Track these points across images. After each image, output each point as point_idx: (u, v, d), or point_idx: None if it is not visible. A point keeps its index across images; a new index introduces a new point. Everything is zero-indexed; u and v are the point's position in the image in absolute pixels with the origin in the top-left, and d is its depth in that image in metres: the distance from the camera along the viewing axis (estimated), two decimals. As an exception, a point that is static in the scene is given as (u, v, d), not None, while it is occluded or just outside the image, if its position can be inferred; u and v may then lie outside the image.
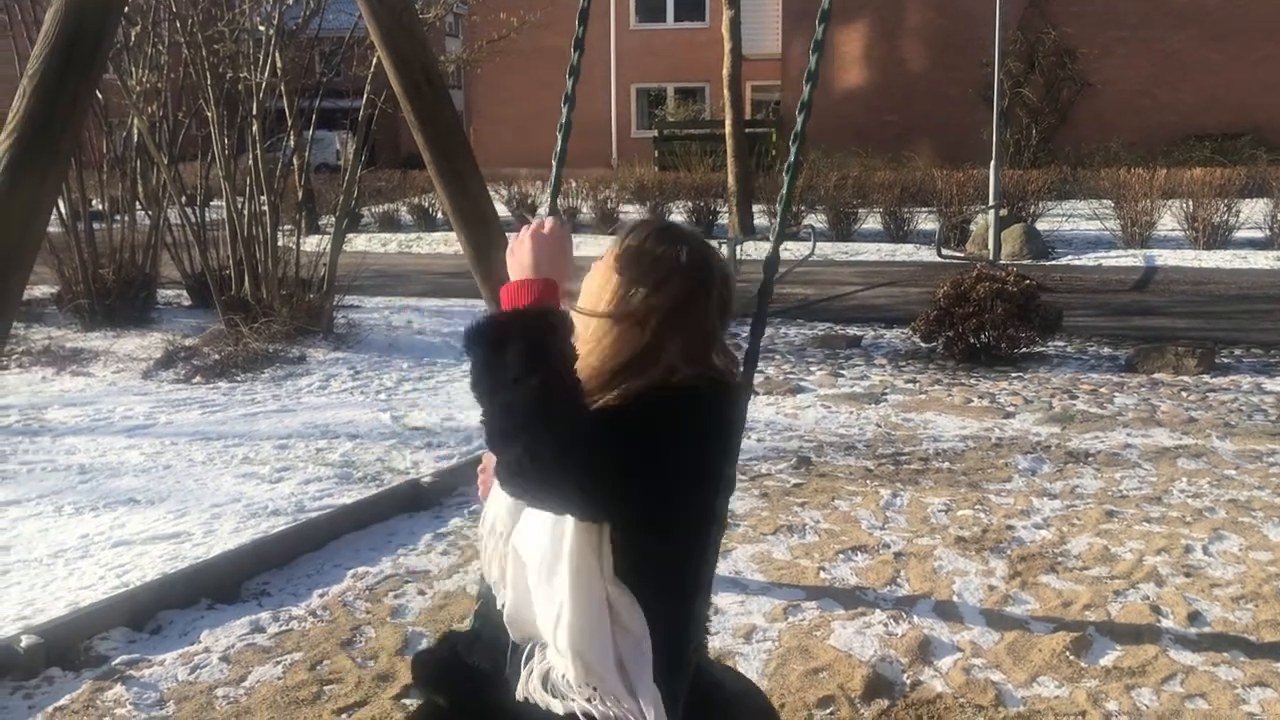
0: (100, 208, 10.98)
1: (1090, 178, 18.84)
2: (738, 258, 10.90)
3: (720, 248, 11.49)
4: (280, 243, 9.81)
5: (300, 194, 10.79)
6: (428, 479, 5.58)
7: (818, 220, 18.25)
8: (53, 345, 9.17)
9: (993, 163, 16.16)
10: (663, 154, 24.66)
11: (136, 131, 10.27)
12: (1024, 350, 8.60)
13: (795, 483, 5.69)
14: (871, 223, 18.31)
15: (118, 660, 3.80)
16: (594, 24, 27.80)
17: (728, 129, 18.30)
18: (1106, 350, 9.15)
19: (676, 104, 30.44)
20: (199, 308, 10.81)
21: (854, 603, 4.21)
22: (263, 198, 9.56)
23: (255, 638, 4.00)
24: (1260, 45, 23.66)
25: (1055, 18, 24.13)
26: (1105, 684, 3.57)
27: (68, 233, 9.99)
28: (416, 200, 21.19)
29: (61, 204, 9.50)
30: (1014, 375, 8.18)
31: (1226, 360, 8.62)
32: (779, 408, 7.32)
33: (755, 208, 18.70)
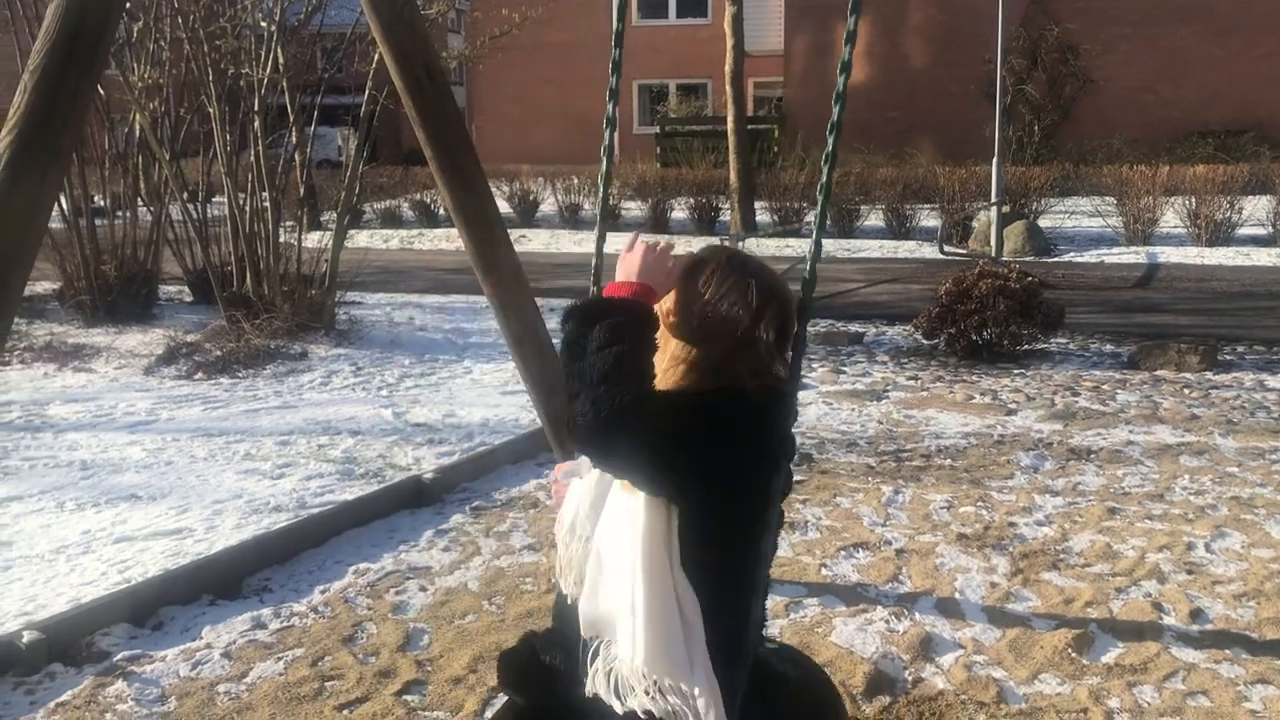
0: (102, 204, 10.98)
1: (1093, 174, 18.82)
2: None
3: (722, 244, 11.53)
4: (282, 239, 9.80)
5: (302, 190, 10.78)
6: (429, 475, 5.57)
7: (820, 217, 18.22)
8: (55, 341, 9.18)
9: (995, 159, 16.14)
10: (665, 150, 24.64)
11: (138, 127, 10.26)
12: (1026, 347, 8.59)
13: (797, 479, 5.68)
14: (874, 219, 18.29)
15: (119, 656, 3.80)
16: (595, 20, 27.82)
17: (730, 125, 18.30)
18: (1109, 347, 9.14)
19: (679, 100, 30.43)
20: (201, 304, 10.81)
21: (855, 599, 4.21)
22: (264, 194, 9.56)
23: (257, 634, 4.00)
24: (1263, 41, 23.61)
25: (1058, 14, 24.09)
26: (1107, 681, 3.57)
27: (70, 229, 10.00)
28: (418, 196, 21.17)
29: (63, 200, 9.50)
30: (1016, 372, 8.17)
31: (1229, 357, 8.61)
32: (781, 404, 7.31)
33: (757, 204, 18.69)
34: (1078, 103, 24.48)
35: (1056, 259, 15.49)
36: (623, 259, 1.95)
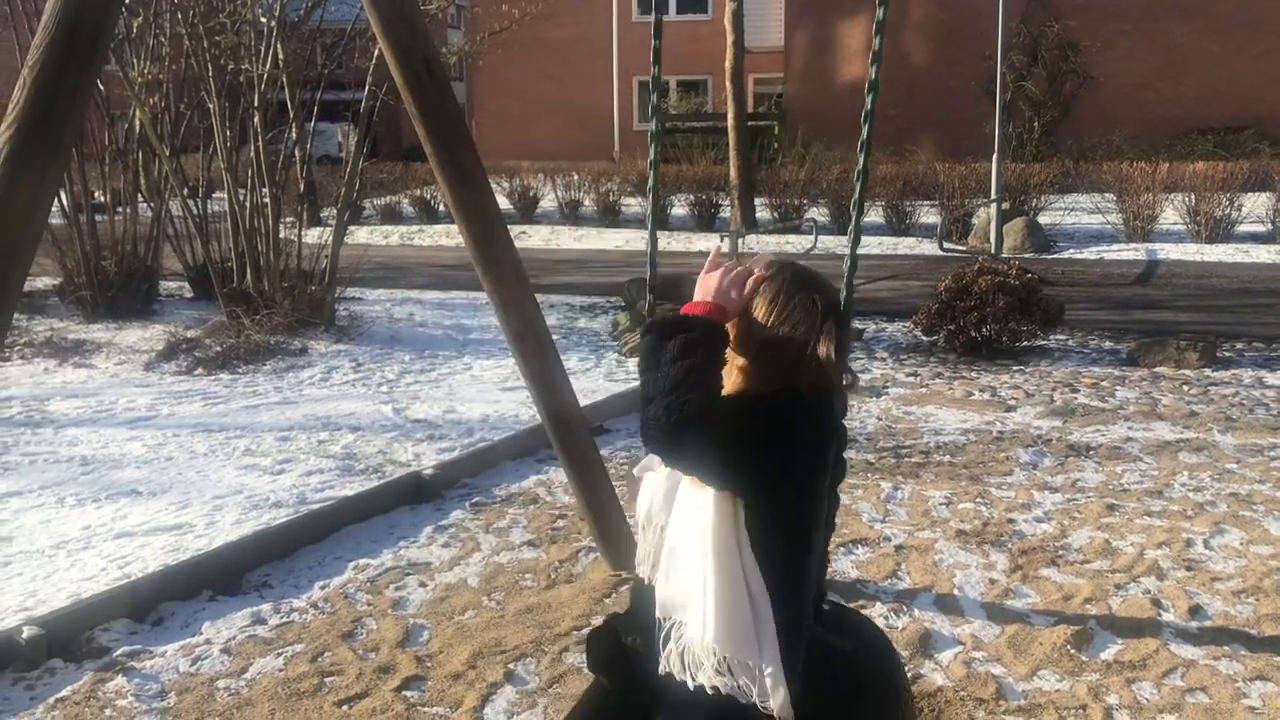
0: (102, 199, 10.96)
1: (1092, 171, 18.82)
2: (739, 250, 10.89)
3: (722, 241, 11.48)
4: (282, 235, 9.80)
5: (302, 186, 10.77)
6: (429, 471, 5.58)
7: (820, 214, 18.23)
8: (55, 337, 9.17)
9: (995, 156, 16.13)
10: (665, 147, 24.63)
11: (138, 123, 10.25)
12: (1025, 344, 8.59)
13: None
14: (874, 216, 18.29)
15: (119, 651, 3.81)
16: (595, 16, 27.73)
17: (730, 122, 18.30)
18: (1108, 344, 9.14)
19: (679, 97, 30.40)
20: (201, 300, 10.81)
21: (855, 595, 4.21)
22: (264, 190, 9.55)
23: (256, 629, 4.00)
24: (1263, 38, 23.60)
25: (1058, 11, 24.07)
26: (1106, 677, 3.58)
27: (70, 224, 9.99)
28: (418, 192, 21.18)
29: (63, 196, 9.49)
30: (1015, 369, 8.18)
31: (1228, 354, 8.61)
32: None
33: (757, 201, 18.68)
34: (1078, 99, 24.47)
35: (1056, 255, 15.50)
36: (701, 279, 2.13)
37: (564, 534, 4.93)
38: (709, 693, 2.01)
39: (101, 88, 9.92)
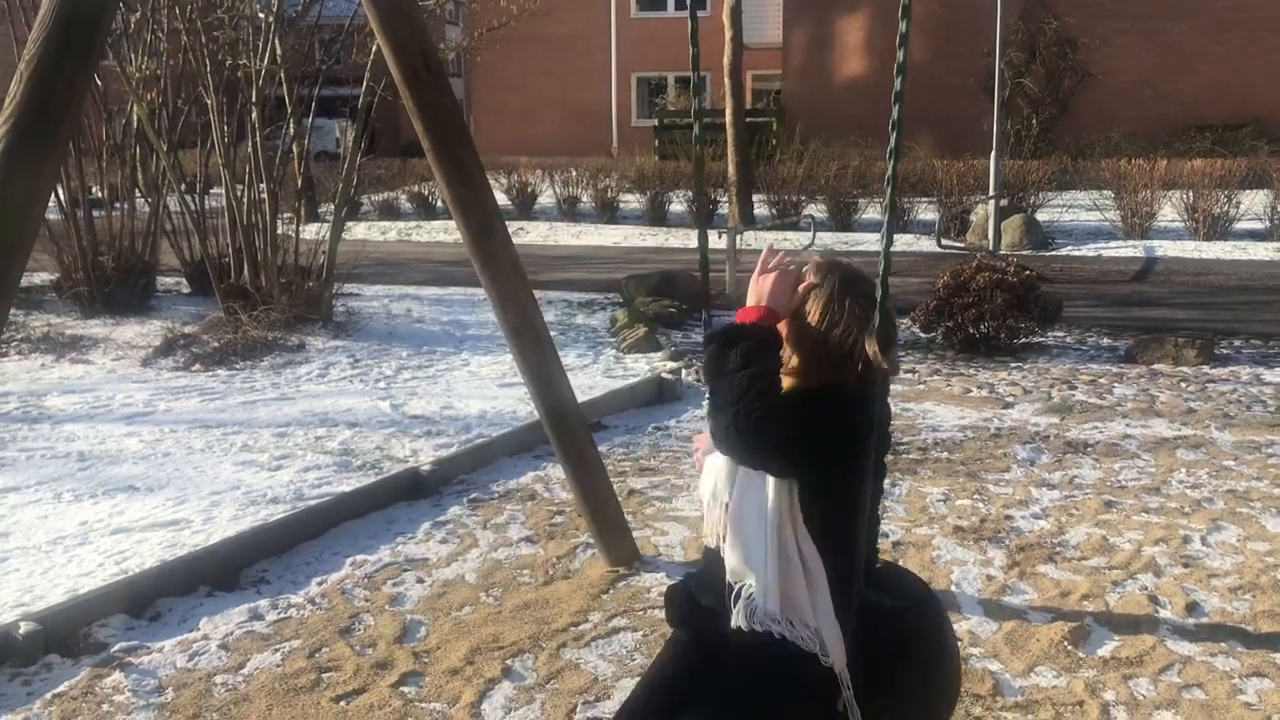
0: (99, 195, 10.95)
1: (1091, 168, 18.81)
2: (737, 247, 10.87)
3: (720, 237, 11.49)
4: (280, 230, 9.79)
5: (300, 182, 10.78)
6: (426, 467, 5.57)
7: (818, 210, 18.23)
8: (52, 332, 9.16)
9: (993, 153, 16.13)
10: (663, 143, 24.59)
11: (136, 119, 10.24)
12: (1023, 340, 8.59)
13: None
14: (872, 212, 18.29)
15: (116, 647, 3.81)
16: (593, 12, 27.67)
17: (728, 118, 18.27)
18: (1106, 341, 9.15)
19: (677, 93, 30.36)
20: (198, 295, 10.80)
21: (852, 592, 4.21)
22: (262, 185, 9.54)
23: (254, 625, 4.00)
24: (1262, 36, 23.60)
25: (1056, 7, 24.06)
26: (1103, 674, 3.58)
27: (67, 220, 9.98)
28: (416, 188, 21.15)
29: (61, 191, 9.48)
30: (1013, 365, 8.18)
31: (1226, 351, 8.62)
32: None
33: (755, 197, 18.67)
34: (1076, 96, 24.46)
35: (1054, 252, 15.49)
36: (753, 282, 2.30)
37: (562, 530, 4.93)
38: (776, 639, 2.25)
39: (99, 83, 9.92)
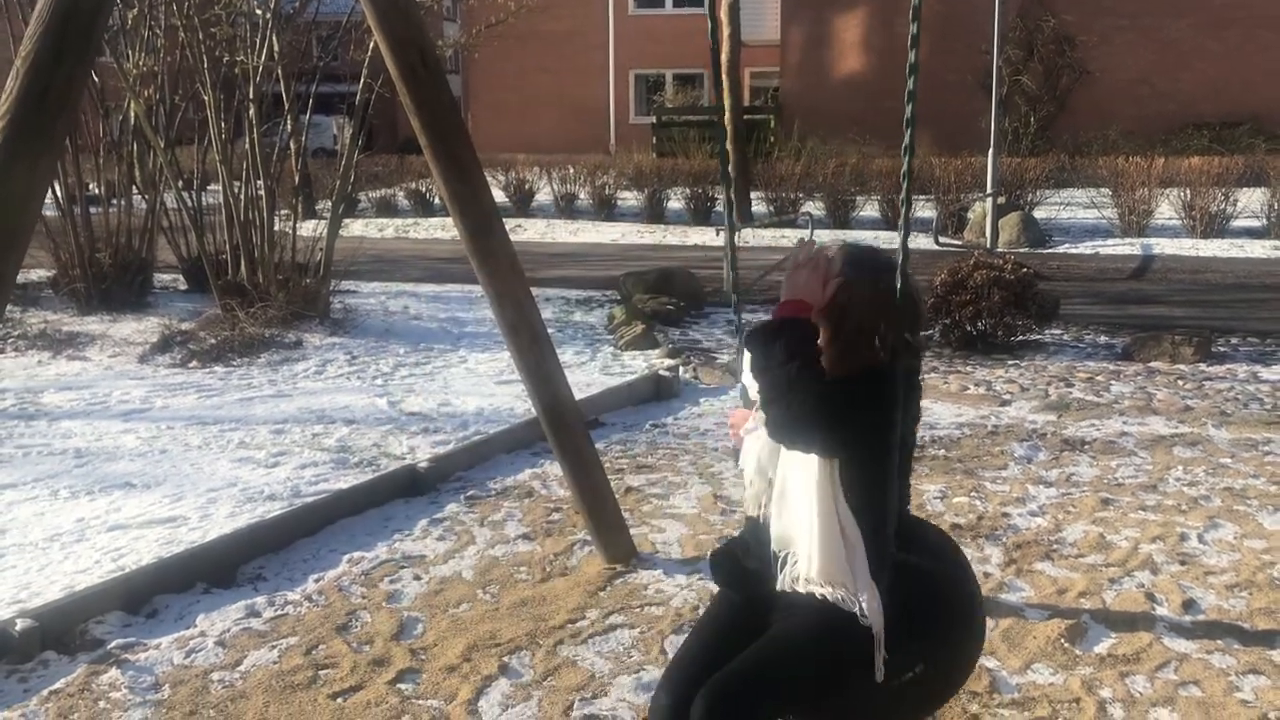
0: (96, 191, 10.94)
1: (1088, 166, 18.82)
2: (735, 244, 10.84)
3: (718, 235, 11.44)
4: (277, 227, 9.78)
5: (297, 179, 10.77)
6: (424, 464, 5.57)
7: (816, 208, 18.22)
8: (49, 329, 9.15)
9: (991, 150, 16.12)
10: (660, 140, 24.60)
11: (133, 115, 10.22)
12: (1020, 338, 8.60)
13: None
14: (869, 210, 18.30)
15: (113, 644, 3.80)
16: (591, 9, 27.63)
17: (726, 115, 18.24)
18: (1103, 338, 9.15)
19: (675, 90, 30.37)
20: (195, 292, 10.79)
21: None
22: (259, 182, 9.53)
23: (251, 622, 4.00)
24: (1259, 34, 23.62)
25: (1054, 5, 24.07)
26: (1100, 671, 3.58)
27: (64, 216, 9.96)
28: (414, 185, 21.13)
29: (58, 187, 9.47)
30: (1010, 363, 8.18)
31: (1223, 349, 8.62)
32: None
33: (753, 194, 18.66)
34: (1073, 94, 24.48)
35: (1051, 250, 15.50)
36: (789, 275, 2.52)
37: (559, 527, 4.93)
38: (818, 598, 2.48)
39: (96, 79, 9.90)
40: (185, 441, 6.20)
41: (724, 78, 18.20)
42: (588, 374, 7.87)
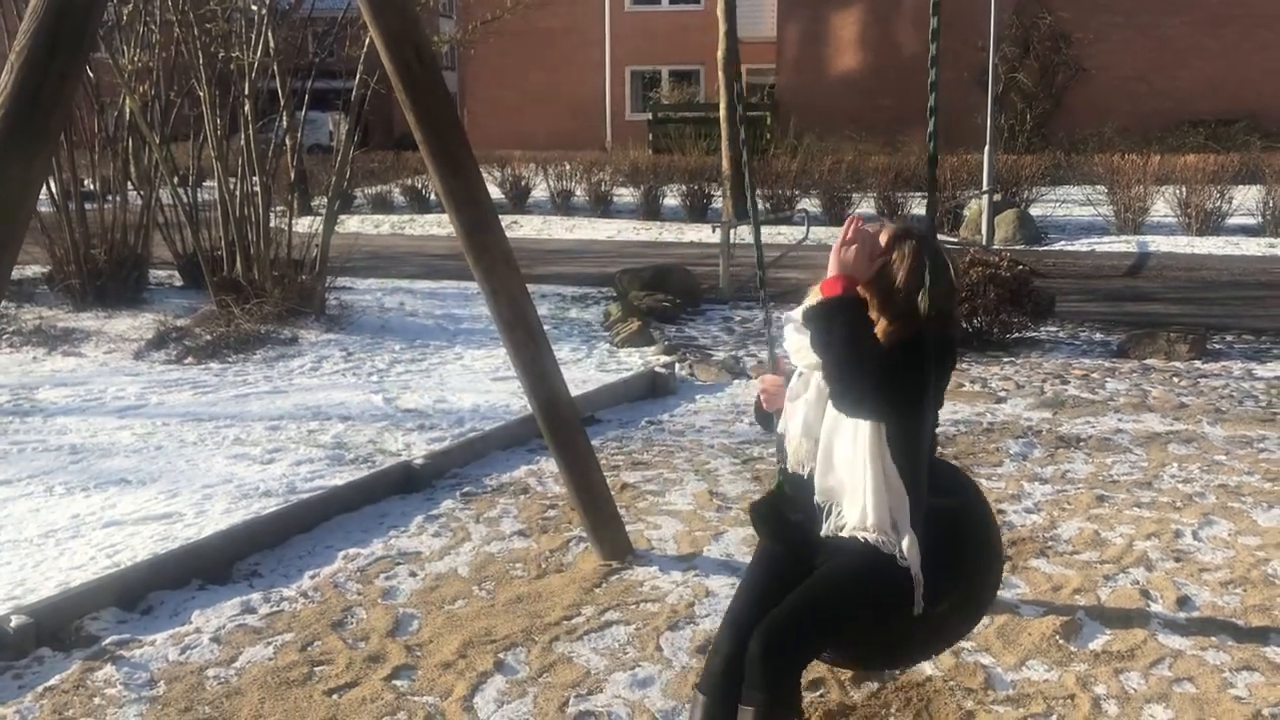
0: (92, 187, 10.91)
1: (1084, 163, 18.83)
2: (731, 241, 10.87)
3: (714, 232, 11.46)
4: (272, 224, 9.77)
5: (293, 175, 10.73)
6: (420, 461, 5.57)
7: (812, 204, 18.23)
8: (44, 325, 9.14)
9: (987, 148, 16.15)
10: (657, 137, 24.60)
11: (128, 111, 10.20)
12: (1016, 335, 8.61)
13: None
14: (865, 207, 18.29)
15: (108, 640, 3.80)
16: (588, 6, 27.66)
17: (722, 112, 18.25)
18: (1098, 336, 9.16)
19: (671, 87, 30.35)
20: (191, 288, 10.78)
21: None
22: (255, 178, 9.52)
23: (246, 618, 4.00)
24: (1256, 32, 23.64)
25: (1050, 2, 24.08)
26: (1094, 668, 3.59)
27: (59, 212, 9.95)
28: (409, 182, 21.11)
29: (52, 184, 9.46)
30: (1006, 360, 8.19)
31: (1218, 346, 8.64)
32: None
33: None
34: (1070, 91, 24.49)
35: (1047, 247, 15.52)
36: (836, 250, 2.71)
37: (554, 524, 4.93)
38: (861, 542, 2.78)
39: (91, 75, 9.88)
40: (180, 438, 6.19)
41: (720, 74, 18.24)
42: (584, 371, 7.87)
